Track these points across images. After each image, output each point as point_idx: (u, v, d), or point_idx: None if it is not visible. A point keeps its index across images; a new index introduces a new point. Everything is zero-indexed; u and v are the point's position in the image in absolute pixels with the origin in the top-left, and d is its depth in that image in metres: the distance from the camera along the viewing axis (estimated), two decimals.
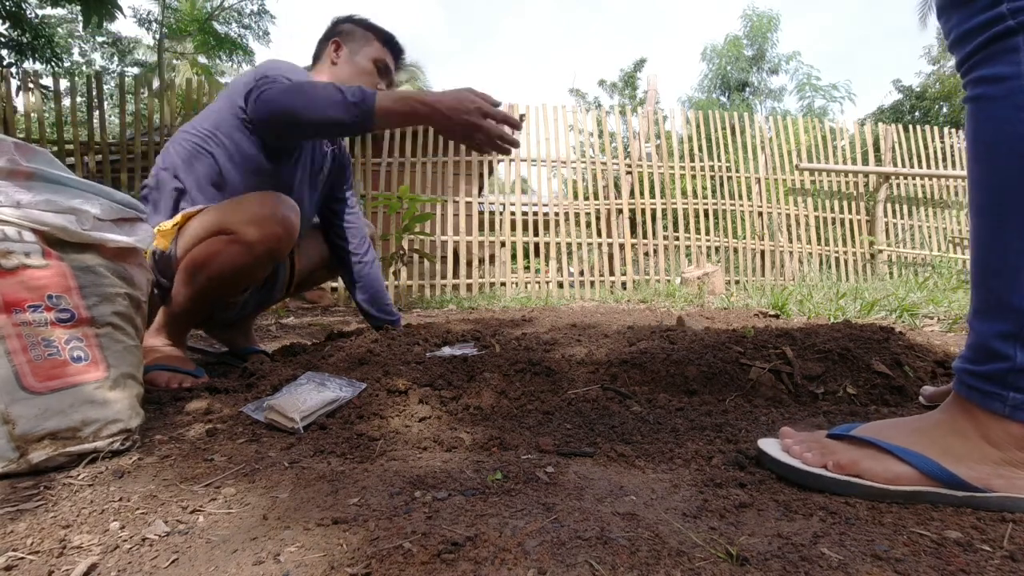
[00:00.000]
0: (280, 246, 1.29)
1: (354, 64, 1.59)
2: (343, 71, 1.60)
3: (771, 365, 1.17)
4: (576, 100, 19.53)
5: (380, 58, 1.62)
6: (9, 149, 0.80)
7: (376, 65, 1.61)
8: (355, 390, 1.01)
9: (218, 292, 1.33)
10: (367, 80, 1.59)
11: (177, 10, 14.56)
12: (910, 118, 16.98)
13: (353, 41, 1.62)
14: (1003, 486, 0.60)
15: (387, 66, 1.64)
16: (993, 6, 0.59)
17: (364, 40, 1.62)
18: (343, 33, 1.63)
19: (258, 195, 1.30)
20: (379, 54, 1.62)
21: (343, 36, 1.62)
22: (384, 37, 1.65)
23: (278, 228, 1.26)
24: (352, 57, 1.60)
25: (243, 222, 1.24)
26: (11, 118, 4.66)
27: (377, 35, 1.64)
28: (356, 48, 1.61)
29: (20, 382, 0.74)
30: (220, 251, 1.25)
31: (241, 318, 1.73)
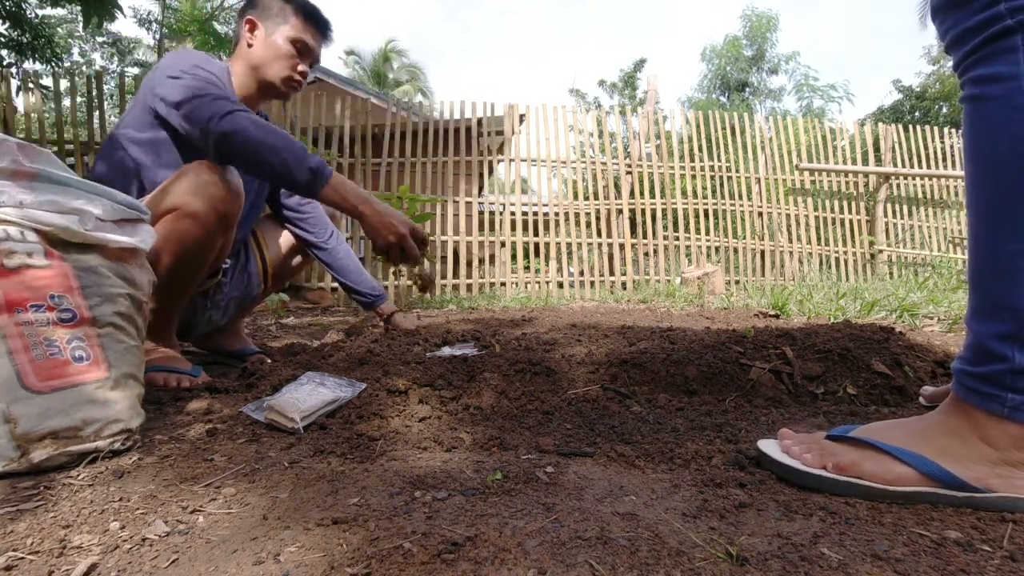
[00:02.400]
0: (227, 208, 1.26)
1: (269, 46, 1.46)
2: (257, 53, 1.47)
3: (771, 365, 1.17)
4: (576, 100, 19.53)
5: (298, 38, 1.47)
6: (12, 150, 0.80)
7: (295, 45, 1.47)
8: (355, 390, 1.01)
9: (185, 273, 1.29)
10: (285, 64, 1.47)
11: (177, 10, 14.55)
12: (910, 118, 16.98)
13: (269, 18, 1.47)
14: (1002, 486, 0.60)
15: (307, 46, 1.49)
16: (991, 5, 0.59)
17: (281, 16, 1.47)
18: (258, 8, 1.48)
19: (191, 166, 1.25)
20: (297, 32, 1.47)
21: (258, 12, 1.47)
22: (305, 11, 1.49)
23: (221, 190, 1.24)
24: (268, 37, 1.46)
25: (184, 194, 1.21)
26: (11, 118, 4.67)
27: (296, 9, 1.48)
28: (272, 27, 1.47)
29: (22, 381, 0.74)
30: (171, 231, 1.22)
31: (227, 322, 1.71)
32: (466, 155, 5.38)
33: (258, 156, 1.21)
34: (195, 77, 1.28)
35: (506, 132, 5.47)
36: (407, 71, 22.06)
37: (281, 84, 1.49)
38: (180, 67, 1.30)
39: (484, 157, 5.46)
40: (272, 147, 1.20)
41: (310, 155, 1.23)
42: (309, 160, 1.22)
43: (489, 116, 5.47)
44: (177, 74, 1.29)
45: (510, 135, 5.48)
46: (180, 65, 1.30)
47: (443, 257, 5.20)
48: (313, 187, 1.22)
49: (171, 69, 1.30)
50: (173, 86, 1.28)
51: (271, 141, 1.20)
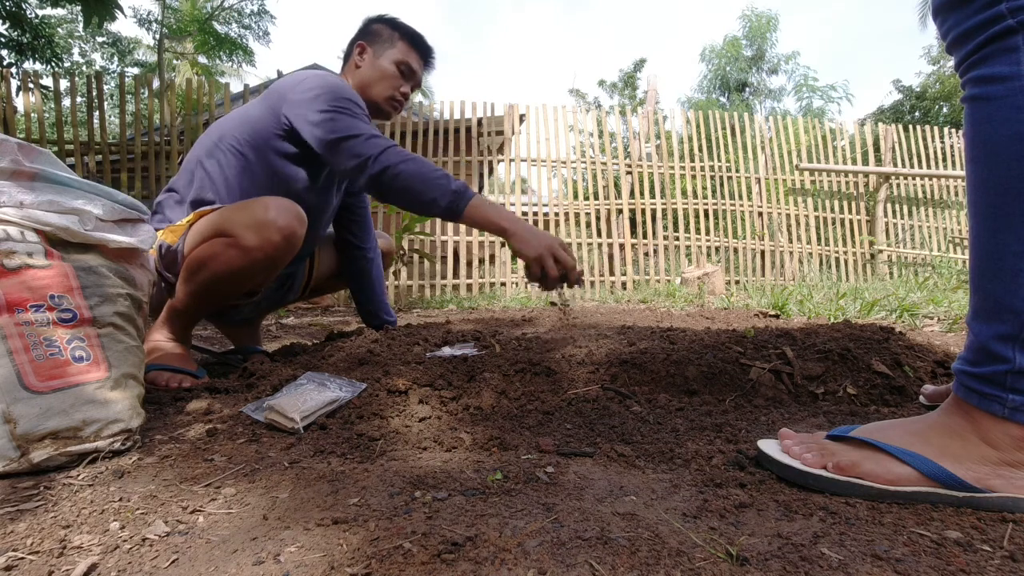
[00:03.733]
0: (278, 254, 1.28)
1: (376, 67, 1.59)
2: (365, 74, 1.60)
3: (771, 365, 1.17)
4: (576, 100, 19.53)
5: (403, 60, 1.60)
6: (12, 150, 0.80)
7: (399, 68, 1.60)
8: (355, 390, 1.01)
9: (217, 293, 1.33)
10: (389, 83, 1.59)
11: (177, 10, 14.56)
12: (910, 118, 16.98)
13: (378, 43, 1.60)
14: (1002, 486, 0.60)
15: (411, 68, 1.61)
16: (992, 5, 0.59)
17: (389, 41, 1.60)
18: (370, 34, 1.62)
19: (266, 200, 1.29)
20: (403, 56, 1.60)
21: (369, 38, 1.61)
22: (410, 37, 1.62)
23: (277, 236, 1.25)
24: (375, 60, 1.59)
25: (244, 226, 1.24)
26: (11, 118, 4.67)
27: (403, 35, 1.61)
28: (380, 50, 1.60)
29: (22, 381, 0.74)
30: (218, 253, 1.26)
31: (254, 317, 1.76)
32: (466, 155, 5.38)
33: (410, 191, 1.31)
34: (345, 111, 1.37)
35: (506, 132, 5.47)
36: None
37: (384, 103, 1.60)
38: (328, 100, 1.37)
39: (484, 157, 5.46)
40: (422, 179, 1.30)
41: (452, 179, 1.32)
42: (451, 183, 1.31)
43: (489, 116, 5.47)
44: (327, 108, 1.36)
45: (510, 135, 5.48)
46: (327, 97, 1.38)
47: (443, 257, 5.20)
48: (455, 209, 1.30)
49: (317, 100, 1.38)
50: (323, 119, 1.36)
51: (421, 173, 1.30)
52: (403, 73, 1.61)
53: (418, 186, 1.30)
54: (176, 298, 1.33)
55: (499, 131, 5.51)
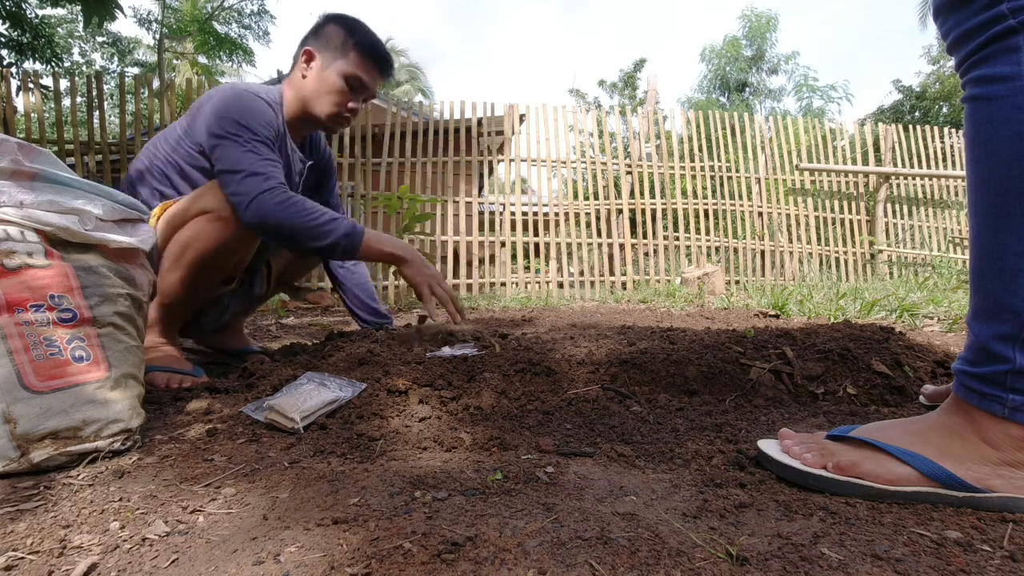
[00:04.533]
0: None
1: (323, 79, 1.42)
2: (310, 86, 1.44)
3: (771, 365, 1.17)
4: (576, 100, 19.54)
5: (353, 73, 1.43)
6: (12, 150, 0.80)
7: (348, 81, 1.43)
8: (355, 390, 1.01)
9: (205, 273, 1.32)
10: (334, 99, 1.43)
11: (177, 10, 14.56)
12: (910, 118, 16.98)
13: (328, 50, 1.43)
14: (1002, 486, 0.60)
15: (362, 83, 1.45)
16: (993, 5, 0.59)
17: (341, 49, 1.42)
18: (321, 38, 1.45)
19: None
20: (354, 68, 1.43)
21: (319, 42, 1.44)
22: (365, 46, 1.44)
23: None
24: (323, 71, 1.42)
25: (220, 200, 1.26)
26: (11, 118, 4.66)
27: (357, 44, 1.43)
28: (329, 59, 1.43)
29: (22, 381, 0.74)
30: (201, 230, 1.26)
31: (227, 322, 1.71)
32: (466, 155, 5.38)
33: (295, 240, 1.27)
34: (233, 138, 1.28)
35: (506, 132, 5.47)
36: (407, 71, 22.06)
37: (327, 120, 1.47)
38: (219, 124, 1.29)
39: (484, 157, 5.46)
40: (305, 230, 1.25)
41: (339, 223, 1.27)
42: (340, 226, 1.27)
43: (489, 116, 5.47)
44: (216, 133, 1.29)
45: (510, 135, 5.48)
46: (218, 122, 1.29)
47: (443, 257, 5.20)
48: (350, 250, 1.28)
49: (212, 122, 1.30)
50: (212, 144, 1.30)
51: (302, 223, 1.25)
52: (352, 88, 1.45)
53: (302, 235, 1.26)
54: (163, 292, 1.31)
55: (499, 131, 5.51)
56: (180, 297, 1.34)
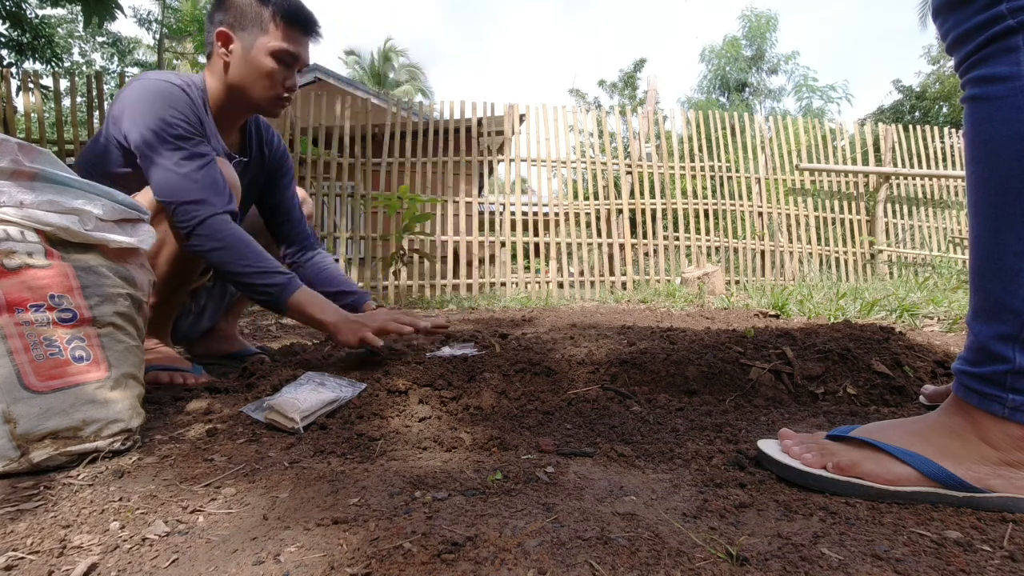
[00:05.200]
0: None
1: (249, 63, 1.26)
2: (237, 74, 1.27)
3: (771, 365, 1.17)
4: (576, 100, 19.54)
5: (281, 48, 1.26)
6: (12, 150, 0.80)
7: (277, 59, 1.26)
8: (355, 390, 1.01)
9: (185, 268, 1.30)
10: (269, 82, 1.28)
11: (177, 10, 14.56)
12: (910, 118, 16.98)
13: (244, 26, 1.25)
14: (1002, 486, 0.60)
15: (293, 55, 1.28)
16: (992, 6, 0.59)
17: (257, 23, 1.24)
18: (231, 14, 1.25)
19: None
20: (280, 42, 1.26)
21: (231, 20, 1.25)
22: (286, 13, 1.25)
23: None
24: (246, 53, 1.25)
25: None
26: (11, 118, 4.66)
27: (276, 12, 1.25)
28: (250, 38, 1.25)
29: (22, 381, 0.74)
30: (166, 239, 1.23)
31: (207, 327, 1.69)
32: (466, 155, 5.38)
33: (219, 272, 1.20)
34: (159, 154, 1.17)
35: (506, 132, 5.47)
36: (407, 71, 22.06)
37: (269, 105, 1.33)
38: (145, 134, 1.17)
39: (484, 157, 5.46)
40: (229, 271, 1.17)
41: (267, 279, 1.17)
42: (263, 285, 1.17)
43: (489, 116, 5.47)
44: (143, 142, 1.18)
45: (510, 135, 5.48)
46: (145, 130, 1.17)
47: (443, 257, 5.20)
48: (274, 310, 1.20)
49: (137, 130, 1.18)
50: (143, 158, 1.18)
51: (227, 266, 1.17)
52: (285, 63, 1.28)
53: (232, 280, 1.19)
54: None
55: (499, 131, 5.51)
56: (166, 296, 1.32)
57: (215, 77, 1.31)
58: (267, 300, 1.18)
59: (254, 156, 1.50)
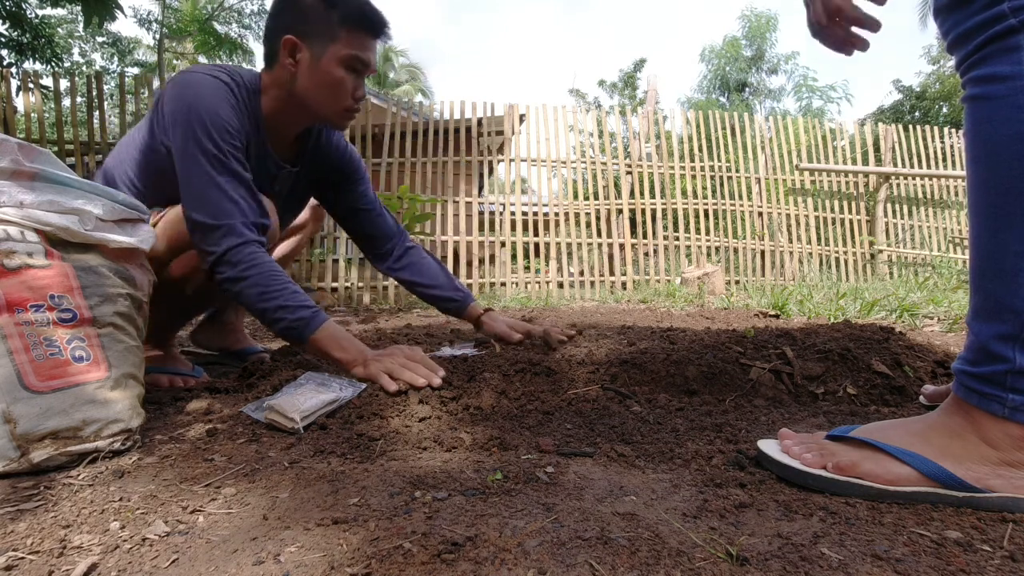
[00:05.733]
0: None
1: (319, 73, 1.17)
2: (305, 85, 1.19)
3: (771, 365, 1.17)
4: (576, 100, 19.53)
5: (352, 55, 1.17)
6: (12, 150, 0.80)
7: (348, 67, 1.19)
8: (355, 390, 1.01)
9: (200, 302, 1.31)
10: (341, 93, 1.20)
11: (177, 10, 14.56)
12: (910, 118, 16.97)
13: (313, 33, 1.16)
14: (1002, 486, 0.60)
15: (364, 62, 1.20)
16: (994, 5, 0.59)
17: (327, 30, 1.16)
18: (298, 19, 1.16)
19: None
20: (352, 49, 1.17)
21: (299, 26, 1.16)
22: (356, 17, 1.17)
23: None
24: (316, 63, 1.17)
25: None
26: (11, 118, 4.66)
27: (346, 16, 1.16)
28: (320, 46, 1.16)
29: (22, 381, 0.74)
30: (199, 266, 1.18)
31: (216, 315, 1.69)
32: (466, 155, 5.38)
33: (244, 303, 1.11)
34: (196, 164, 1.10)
35: (506, 132, 5.47)
36: (407, 71, 22.06)
37: (338, 118, 1.25)
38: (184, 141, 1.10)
39: (484, 157, 5.46)
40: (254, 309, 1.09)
41: (290, 313, 1.07)
42: (286, 319, 1.07)
43: (489, 116, 5.47)
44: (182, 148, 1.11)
45: (510, 135, 5.48)
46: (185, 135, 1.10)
47: (443, 257, 5.20)
48: (295, 343, 1.11)
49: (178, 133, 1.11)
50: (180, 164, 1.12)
51: (252, 304, 1.09)
52: (356, 71, 1.20)
53: (255, 314, 1.09)
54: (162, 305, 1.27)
55: (499, 131, 5.51)
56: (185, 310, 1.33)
57: (277, 86, 1.22)
58: (287, 335, 1.10)
59: (307, 167, 1.41)
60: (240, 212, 1.10)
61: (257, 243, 1.11)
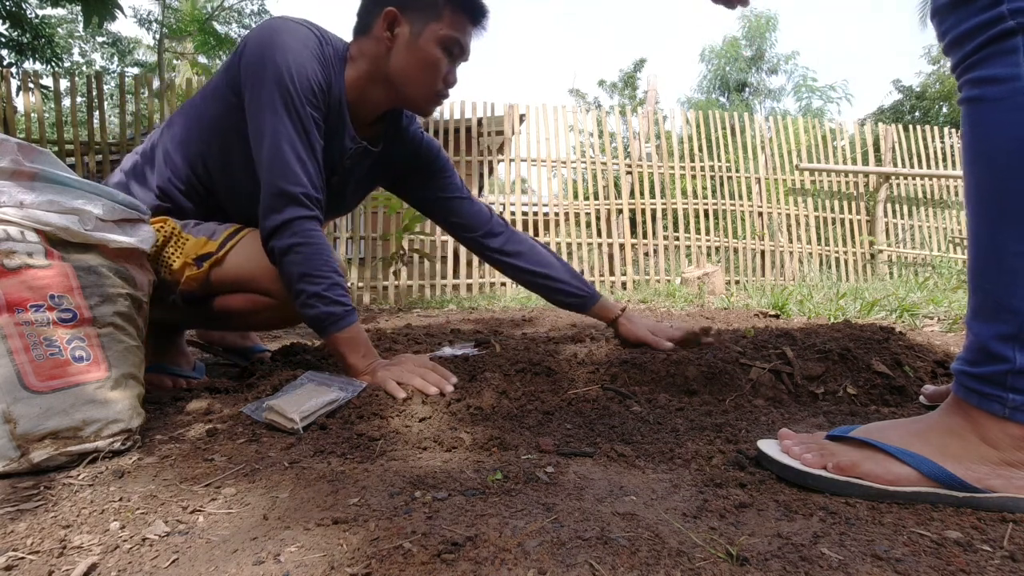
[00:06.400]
0: None
1: (415, 51, 1.11)
2: (400, 62, 1.12)
3: (771, 365, 1.17)
4: (576, 100, 19.52)
5: (452, 36, 1.11)
6: (12, 149, 0.80)
7: (446, 49, 1.12)
8: (355, 390, 1.01)
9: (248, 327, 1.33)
10: (434, 75, 1.14)
11: (177, 10, 14.56)
12: (910, 118, 16.97)
13: (416, 10, 1.10)
14: (1002, 486, 0.60)
15: (462, 46, 1.14)
16: (993, 6, 0.59)
17: (431, 7, 1.10)
18: None
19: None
20: (451, 30, 1.11)
21: (402, 1, 1.10)
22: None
23: None
24: (414, 40, 1.10)
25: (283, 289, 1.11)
26: (11, 118, 4.67)
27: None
28: (420, 22, 1.10)
29: (22, 381, 0.74)
30: (259, 311, 1.18)
31: None
32: (466, 155, 5.38)
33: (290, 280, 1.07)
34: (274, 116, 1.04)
35: (506, 132, 5.47)
36: None
37: (425, 101, 1.18)
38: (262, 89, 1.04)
39: (484, 157, 5.46)
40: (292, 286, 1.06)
41: (321, 304, 1.05)
42: (317, 308, 1.05)
43: (489, 116, 5.47)
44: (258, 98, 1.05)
45: (510, 135, 5.48)
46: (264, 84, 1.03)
47: (443, 257, 5.20)
48: (317, 332, 1.09)
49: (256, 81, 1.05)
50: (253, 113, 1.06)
51: (293, 281, 1.06)
52: (452, 55, 1.14)
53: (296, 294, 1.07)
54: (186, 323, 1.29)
55: (499, 131, 5.51)
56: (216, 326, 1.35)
57: (366, 58, 1.14)
58: (314, 324, 1.07)
59: (386, 151, 1.31)
60: (310, 182, 1.06)
61: (318, 220, 1.08)
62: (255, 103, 1.05)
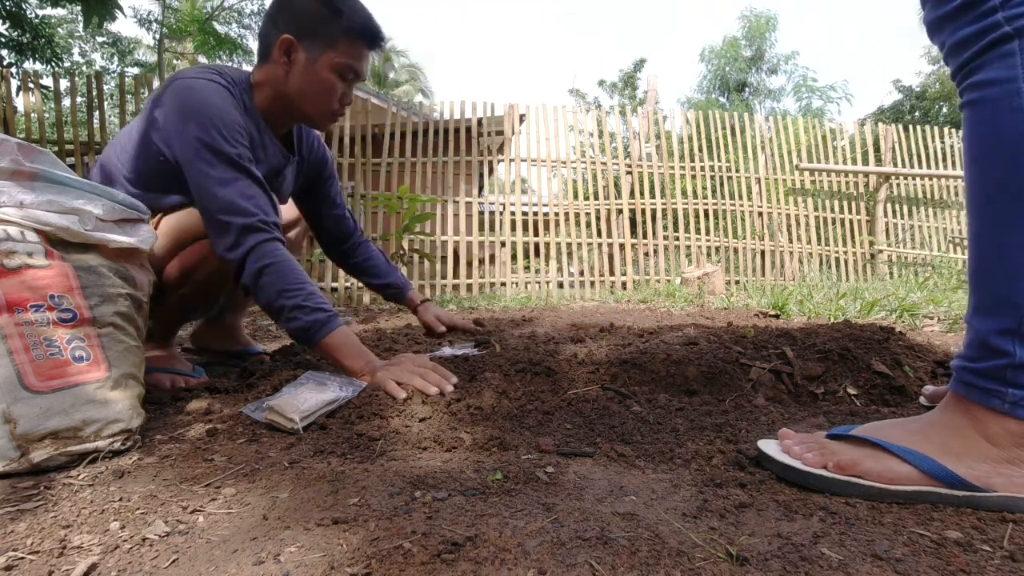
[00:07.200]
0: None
1: (311, 76, 1.20)
2: (296, 85, 1.21)
3: (771, 365, 1.17)
4: (576, 100, 19.53)
5: (347, 64, 1.20)
6: (12, 150, 0.80)
7: (340, 75, 1.21)
8: (355, 390, 1.01)
9: (207, 294, 1.31)
10: (328, 97, 1.23)
11: (177, 10, 14.55)
12: (910, 118, 16.97)
13: (311, 36, 1.18)
14: (1003, 485, 0.60)
15: (357, 72, 1.23)
16: (988, 14, 0.60)
17: (326, 36, 1.18)
18: (300, 23, 1.18)
19: None
20: (347, 58, 1.20)
21: (300, 30, 1.17)
22: (358, 28, 1.19)
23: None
24: (309, 66, 1.19)
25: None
26: (11, 118, 4.66)
27: (349, 27, 1.18)
28: (316, 50, 1.18)
29: (22, 381, 0.74)
30: (205, 259, 1.21)
31: (217, 316, 1.69)
32: (466, 155, 5.38)
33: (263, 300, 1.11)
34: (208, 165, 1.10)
35: (506, 132, 5.47)
36: (407, 71, 22.05)
37: (321, 120, 1.29)
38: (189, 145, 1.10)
39: (484, 157, 5.46)
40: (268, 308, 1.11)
41: (316, 307, 1.09)
42: (300, 319, 1.08)
43: (489, 116, 5.47)
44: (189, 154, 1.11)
45: (510, 135, 5.48)
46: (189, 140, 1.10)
47: (443, 257, 5.20)
48: (305, 344, 1.11)
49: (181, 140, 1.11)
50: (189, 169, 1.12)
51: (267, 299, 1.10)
52: (346, 79, 1.23)
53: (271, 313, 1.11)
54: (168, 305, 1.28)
55: (499, 131, 5.50)
56: (177, 311, 1.33)
57: (268, 83, 1.24)
58: (301, 336, 1.10)
59: (300, 157, 1.46)
60: (260, 210, 1.12)
61: (279, 240, 1.14)
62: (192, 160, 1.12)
